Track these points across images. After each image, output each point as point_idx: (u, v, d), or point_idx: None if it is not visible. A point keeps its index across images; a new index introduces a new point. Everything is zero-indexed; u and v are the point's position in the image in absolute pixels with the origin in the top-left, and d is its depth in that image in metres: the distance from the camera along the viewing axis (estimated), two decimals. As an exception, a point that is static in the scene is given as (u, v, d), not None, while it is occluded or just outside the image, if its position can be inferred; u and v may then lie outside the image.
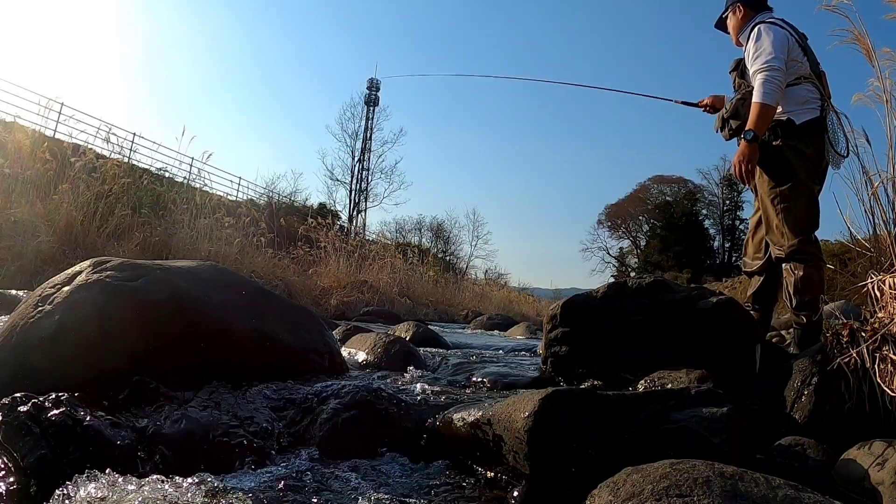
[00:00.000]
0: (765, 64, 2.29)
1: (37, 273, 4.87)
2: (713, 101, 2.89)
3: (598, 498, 0.93)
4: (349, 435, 1.52)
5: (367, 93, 36.45)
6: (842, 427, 1.54)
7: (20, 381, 1.46)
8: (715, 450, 1.19)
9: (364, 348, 2.64)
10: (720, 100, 2.86)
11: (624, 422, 1.26)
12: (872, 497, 1.23)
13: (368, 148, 36.05)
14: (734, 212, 39.73)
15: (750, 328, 2.03)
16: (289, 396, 1.71)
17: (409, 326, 3.84)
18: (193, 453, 1.35)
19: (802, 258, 2.30)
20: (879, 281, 1.69)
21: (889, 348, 1.54)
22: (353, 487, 1.25)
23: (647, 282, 2.12)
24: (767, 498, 0.84)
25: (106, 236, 6.21)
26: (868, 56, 2.10)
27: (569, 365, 2.07)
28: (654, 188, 42.16)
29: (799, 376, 1.70)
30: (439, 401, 1.76)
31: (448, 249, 36.48)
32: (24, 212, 5.54)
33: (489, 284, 22.06)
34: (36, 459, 1.13)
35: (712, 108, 2.88)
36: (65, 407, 1.25)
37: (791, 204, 2.32)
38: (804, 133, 2.34)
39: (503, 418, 1.28)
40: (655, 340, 1.97)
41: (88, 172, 6.50)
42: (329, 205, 30.93)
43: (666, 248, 39.51)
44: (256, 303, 1.99)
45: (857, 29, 2.12)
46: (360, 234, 26.85)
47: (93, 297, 1.65)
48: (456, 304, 13.25)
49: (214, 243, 7.62)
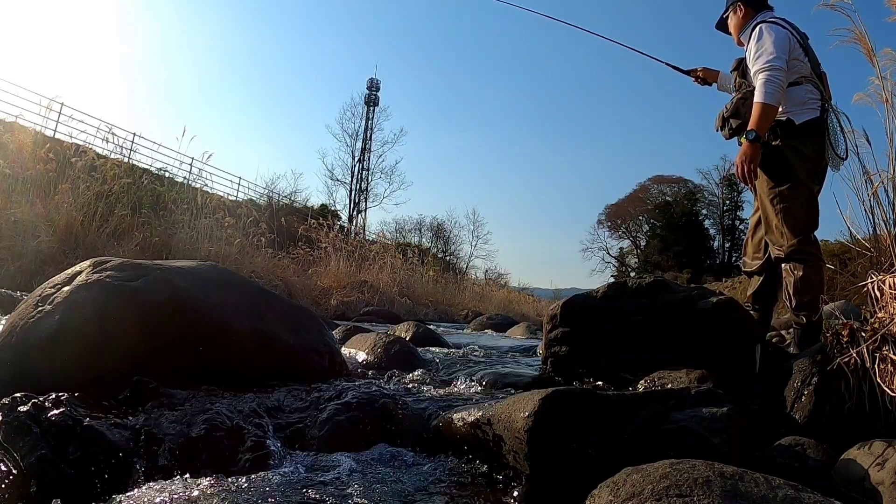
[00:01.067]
0: (766, 64, 2.29)
1: (37, 273, 4.87)
2: (705, 74, 2.92)
3: (598, 498, 0.93)
4: (349, 435, 1.52)
5: (367, 93, 36.53)
6: (842, 427, 1.54)
7: (20, 381, 1.46)
8: (715, 450, 1.19)
9: (364, 348, 2.64)
10: (712, 73, 2.90)
11: (624, 422, 1.26)
12: (872, 497, 1.23)
13: (368, 148, 36.12)
14: (734, 212, 39.78)
15: (750, 328, 2.03)
16: (289, 396, 1.71)
17: (409, 326, 3.84)
18: (193, 453, 1.35)
19: (802, 258, 2.30)
20: (879, 281, 1.69)
21: (889, 348, 1.54)
22: (353, 488, 1.25)
23: (647, 282, 2.12)
24: (767, 498, 0.84)
25: (106, 236, 6.21)
26: (869, 56, 2.10)
27: (569, 365, 2.07)
28: (654, 188, 42.19)
29: (799, 376, 1.70)
30: (439, 401, 1.76)
31: (448, 249, 36.53)
32: (24, 212, 5.54)
33: (489, 284, 22.05)
34: (36, 459, 1.13)
35: (703, 80, 2.93)
36: (65, 407, 1.25)
37: (790, 204, 2.32)
38: (804, 133, 2.34)
39: (503, 418, 1.28)
40: (655, 340, 1.97)
41: (88, 172, 6.51)
42: (329, 205, 30.97)
43: (666, 248, 39.51)
44: (256, 303, 1.99)
45: (858, 28, 2.12)
46: (360, 234, 26.85)
47: (93, 297, 1.65)
48: (456, 304, 13.25)
49: (214, 243, 7.62)
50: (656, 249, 40.24)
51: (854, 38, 2.13)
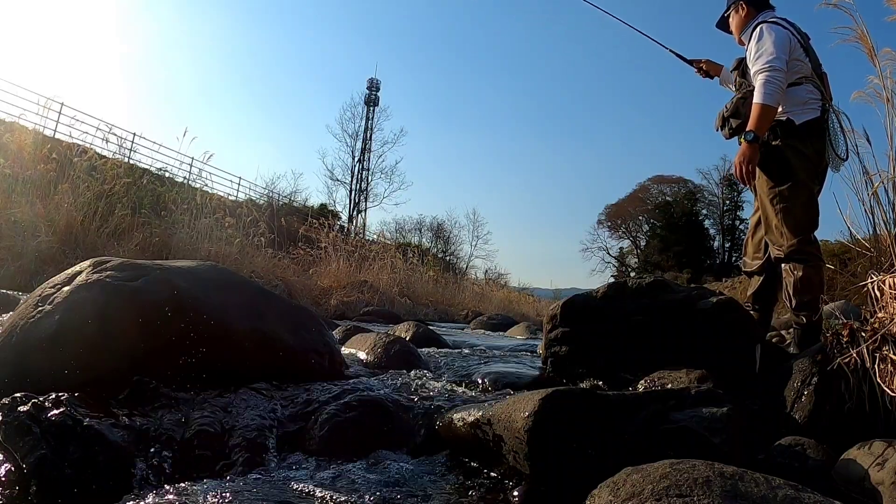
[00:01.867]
0: (766, 64, 2.28)
1: (37, 273, 4.87)
2: (708, 66, 2.92)
3: (598, 498, 0.93)
4: (349, 435, 1.52)
5: (367, 93, 36.52)
6: (842, 427, 1.54)
7: (20, 381, 1.46)
8: (715, 450, 1.19)
9: (364, 348, 2.63)
10: (716, 67, 2.90)
11: (624, 422, 1.26)
12: (872, 497, 1.23)
13: (368, 148, 36.11)
14: (734, 212, 39.77)
15: (750, 328, 2.03)
16: (289, 397, 1.71)
17: (409, 326, 3.84)
18: (193, 453, 1.35)
19: (802, 258, 2.30)
20: (879, 281, 1.69)
21: (889, 348, 1.54)
22: (353, 488, 1.25)
23: (647, 282, 2.12)
24: (767, 498, 0.84)
25: (106, 236, 6.21)
26: (870, 55, 2.09)
27: (569, 365, 2.07)
28: (654, 188, 42.19)
29: (799, 376, 1.70)
30: (439, 401, 1.76)
31: (448, 249, 36.49)
32: (24, 212, 5.53)
33: (489, 284, 22.02)
34: (36, 459, 1.13)
35: (705, 73, 2.93)
36: (65, 407, 1.25)
37: (790, 204, 2.32)
38: (804, 133, 2.33)
39: (503, 418, 1.28)
40: (655, 340, 1.97)
41: (88, 172, 6.51)
42: (329, 205, 30.98)
43: (666, 248, 39.50)
44: (256, 303, 1.99)
45: (860, 27, 2.12)
46: (361, 234, 26.85)
47: (93, 297, 1.65)
48: (456, 304, 13.24)
49: (214, 243, 7.61)
50: (656, 249, 40.24)
51: (855, 38, 2.13)
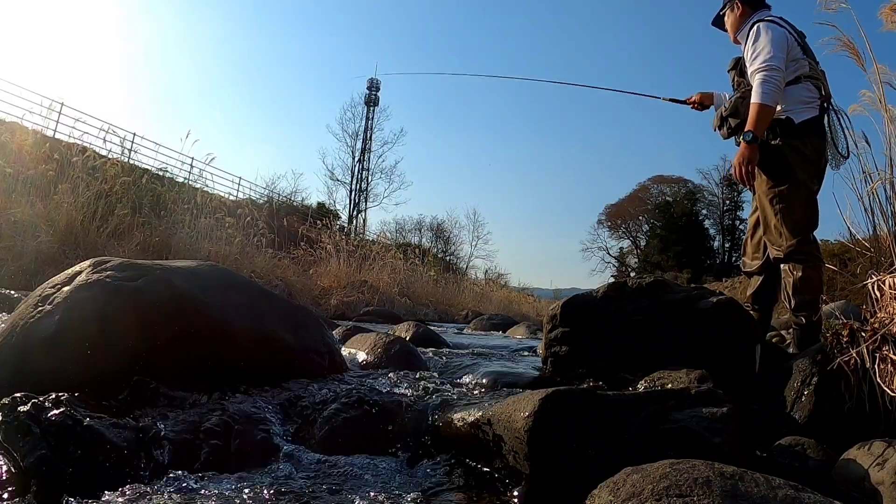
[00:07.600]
0: (764, 64, 2.28)
1: (37, 273, 4.86)
2: (701, 98, 2.92)
3: (598, 498, 0.93)
4: (349, 435, 1.52)
5: (367, 93, 36.51)
6: (842, 427, 1.54)
7: (20, 381, 1.46)
8: (715, 450, 1.19)
9: (364, 348, 2.63)
10: (708, 97, 2.90)
11: (624, 422, 1.26)
12: (873, 497, 1.23)
13: (368, 148, 36.11)
14: (734, 212, 39.78)
15: (750, 328, 2.02)
16: (289, 396, 1.71)
17: (409, 326, 3.83)
18: (193, 453, 1.35)
19: (801, 258, 2.29)
20: (879, 281, 1.69)
21: (889, 348, 1.54)
22: (353, 487, 1.25)
23: (647, 282, 2.12)
24: (767, 498, 0.84)
25: (106, 236, 6.21)
26: (858, 62, 2.11)
27: (569, 365, 2.06)
28: (654, 188, 42.19)
29: (799, 376, 1.70)
30: (439, 401, 1.76)
31: (448, 249, 36.52)
32: (24, 212, 5.53)
33: (489, 284, 22.00)
34: (36, 459, 1.13)
35: (700, 105, 2.92)
36: (65, 407, 1.25)
37: (789, 204, 2.31)
38: (803, 132, 2.33)
39: (503, 418, 1.29)
40: (655, 340, 1.97)
41: (88, 172, 6.50)
42: (329, 205, 31.00)
43: (666, 248, 39.50)
44: (256, 303, 1.99)
45: (846, 37, 2.15)
46: (361, 234, 26.85)
47: (93, 297, 1.65)
48: (456, 304, 13.24)
49: (215, 243, 7.62)
50: (656, 249, 40.23)
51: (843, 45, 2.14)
